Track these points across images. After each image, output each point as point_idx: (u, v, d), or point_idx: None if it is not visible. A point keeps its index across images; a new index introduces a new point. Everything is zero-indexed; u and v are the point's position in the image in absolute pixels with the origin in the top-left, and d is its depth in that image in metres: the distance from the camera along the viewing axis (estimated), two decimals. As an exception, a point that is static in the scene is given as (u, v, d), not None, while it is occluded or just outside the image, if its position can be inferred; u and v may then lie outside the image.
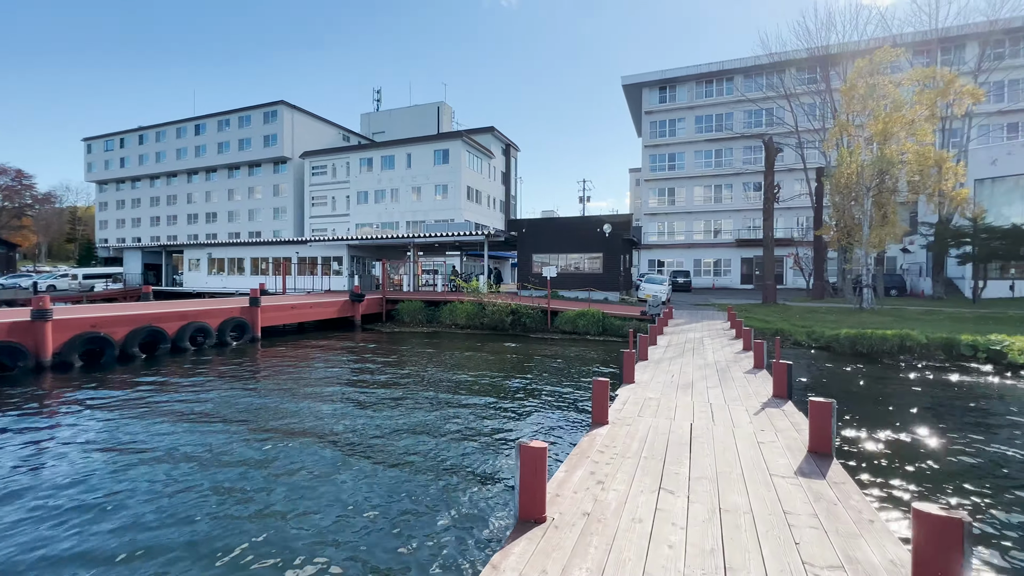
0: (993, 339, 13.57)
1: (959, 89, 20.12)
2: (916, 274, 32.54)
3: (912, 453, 6.95)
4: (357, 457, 6.93)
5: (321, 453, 7.07)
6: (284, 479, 6.18)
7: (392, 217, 48.21)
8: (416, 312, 22.94)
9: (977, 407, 9.60)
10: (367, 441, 7.60)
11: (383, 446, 7.38)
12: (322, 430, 8.13)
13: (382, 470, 6.46)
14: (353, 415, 9.04)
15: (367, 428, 8.24)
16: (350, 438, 7.73)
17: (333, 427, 8.30)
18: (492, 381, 11.82)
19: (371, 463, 6.70)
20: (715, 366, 9.92)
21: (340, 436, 7.82)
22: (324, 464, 6.68)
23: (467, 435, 7.78)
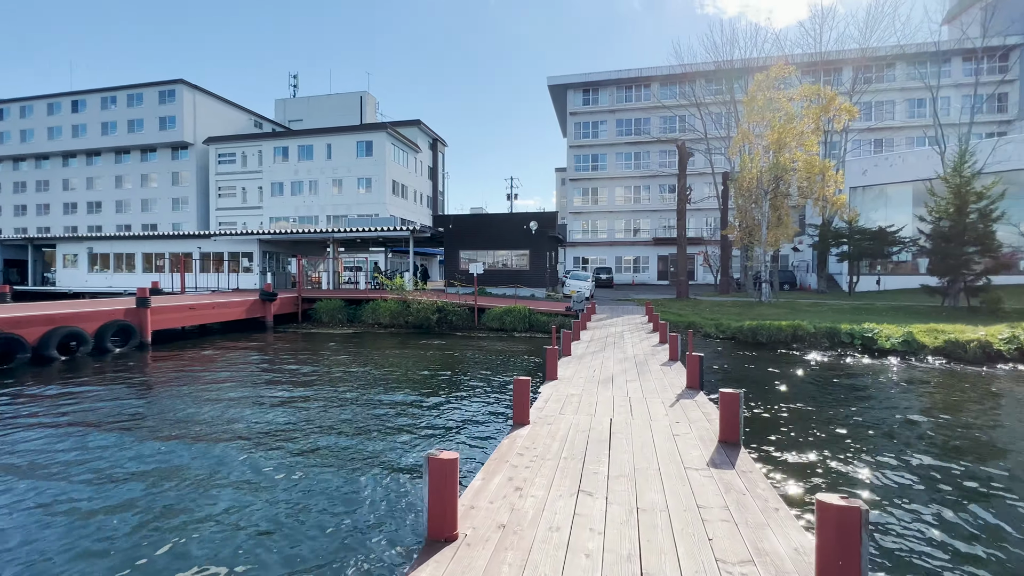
0: (866, 327, 15.32)
1: (838, 106, 22.55)
2: (804, 270, 36.29)
3: (804, 426, 7.51)
4: (249, 471, 6.16)
5: (210, 469, 6.20)
6: (153, 501, 5.31)
7: (311, 211, 45.32)
8: (335, 311, 21.59)
9: (853, 385, 10.71)
10: (264, 453, 6.81)
11: (282, 459, 6.65)
12: (209, 443, 7.18)
13: (278, 487, 5.78)
14: (250, 425, 8.12)
15: (265, 438, 7.41)
16: (244, 450, 6.88)
17: (223, 439, 7.37)
18: (414, 383, 11.28)
19: (265, 478, 5.98)
20: (634, 360, 10.16)
21: (231, 449, 6.95)
22: (211, 482, 5.85)
23: (379, 444, 7.25)
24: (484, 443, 7.19)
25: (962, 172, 19.52)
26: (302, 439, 7.46)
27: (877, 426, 7.99)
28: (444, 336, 18.86)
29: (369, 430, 7.83)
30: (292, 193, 45.87)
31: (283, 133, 47.51)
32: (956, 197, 19.48)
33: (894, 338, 14.43)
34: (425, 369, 12.83)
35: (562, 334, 10.70)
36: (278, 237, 27.69)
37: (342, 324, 21.50)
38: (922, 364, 13.29)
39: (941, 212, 19.96)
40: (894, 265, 30.10)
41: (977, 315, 18.46)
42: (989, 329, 14.14)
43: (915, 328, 15.03)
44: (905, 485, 5.80)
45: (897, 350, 14.22)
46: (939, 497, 5.50)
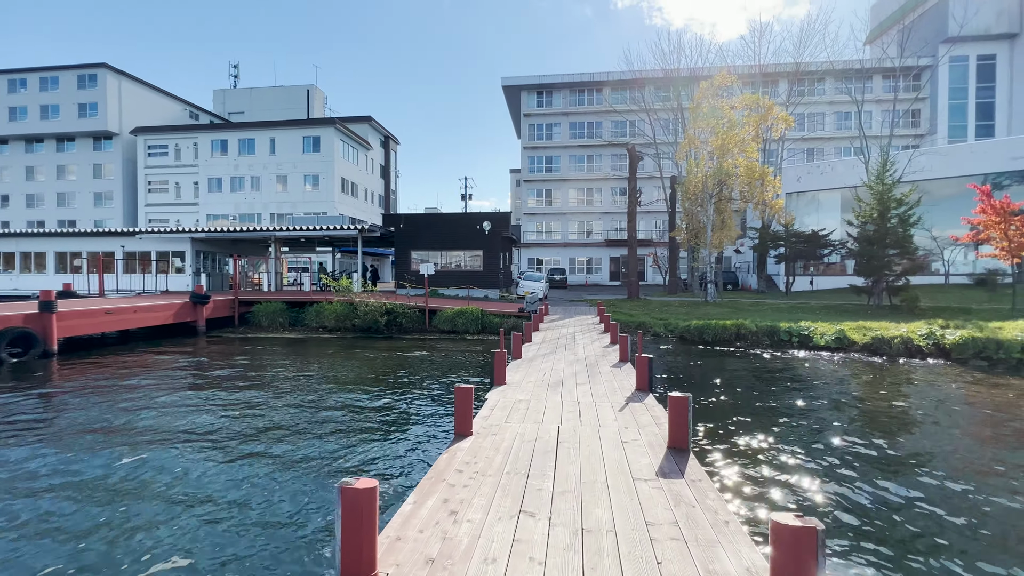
0: (803, 326, 16.01)
1: (776, 115, 23.64)
2: (745, 271, 37.98)
3: (749, 425, 7.53)
4: (156, 499, 5.37)
5: (112, 493, 5.35)
6: (43, 530, 4.46)
7: (253, 208, 42.77)
8: (276, 314, 20.25)
9: (792, 380, 11.02)
10: (176, 475, 6.00)
11: (197, 481, 5.87)
12: (114, 463, 6.26)
13: (184, 515, 5.04)
14: (164, 442, 7.21)
15: (180, 457, 6.56)
16: (154, 470, 6.04)
17: (131, 459, 6.46)
18: (354, 391, 10.56)
19: (172, 504, 5.21)
20: (585, 361, 9.96)
21: (140, 469, 6.08)
22: (110, 508, 5.02)
23: (304, 464, 6.58)
24: (425, 456, 6.69)
25: (884, 180, 20.89)
26: (216, 455, 6.66)
27: (815, 420, 8.16)
28: (393, 339, 18.08)
29: (295, 445, 7.13)
30: (232, 189, 43.12)
31: (222, 125, 44.60)
32: (879, 203, 20.83)
33: (827, 335, 15.13)
34: (369, 375, 12.10)
35: (512, 337, 10.35)
36: (213, 236, 25.76)
37: (283, 328, 20.19)
38: (853, 359, 13.98)
39: (866, 217, 21.29)
40: (825, 266, 32.01)
41: (898, 313, 19.79)
42: (910, 326, 15.11)
43: (845, 326, 15.84)
44: (841, 471, 5.85)
45: (831, 346, 14.91)
46: (868, 472, 5.60)
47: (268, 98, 53.26)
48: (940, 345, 13.62)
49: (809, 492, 5.58)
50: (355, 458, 6.64)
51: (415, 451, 6.89)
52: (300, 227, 24.61)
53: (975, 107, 37.16)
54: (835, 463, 6.36)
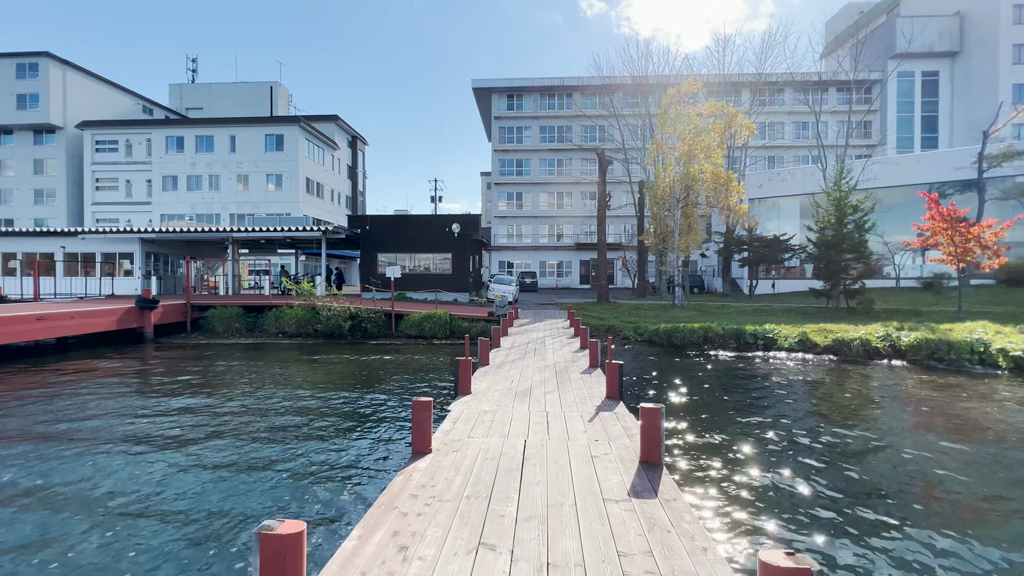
0: (767, 329, 16.22)
1: (739, 123, 24.15)
2: (711, 275, 38.79)
3: (719, 430, 7.36)
4: (75, 536, 4.68)
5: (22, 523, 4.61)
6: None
7: (212, 208, 40.81)
8: (232, 320, 19.14)
9: (759, 383, 11.04)
10: (83, 504, 5.29)
11: (105, 511, 5.18)
12: (25, 489, 5.48)
13: (89, 557, 4.39)
14: (88, 466, 6.42)
15: (106, 483, 5.83)
16: (70, 499, 5.30)
17: (46, 484, 5.69)
18: (310, 400, 9.89)
19: (74, 541, 4.54)
20: (554, 368, 9.64)
21: (56, 498, 5.33)
22: (28, 545, 4.31)
23: (243, 494, 5.97)
24: (378, 477, 6.16)
25: (841, 187, 21.58)
26: (142, 481, 5.96)
27: (784, 426, 8.09)
28: (357, 345, 17.33)
29: (236, 468, 6.48)
30: (189, 188, 41.04)
31: (178, 121, 42.48)
32: (836, 209, 21.49)
33: (791, 338, 15.37)
34: (327, 383, 11.42)
35: (479, 343, 9.92)
36: (165, 236, 24.27)
37: (240, 334, 19.10)
38: (816, 361, 14.21)
39: (824, 222, 21.93)
40: (786, 270, 32.97)
41: (855, 315, 20.41)
42: (867, 328, 15.52)
43: (807, 328, 16.15)
44: (808, 467, 5.70)
45: (794, 348, 15.15)
46: (831, 464, 5.46)
47: (229, 94, 51.07)
48: (896, 347, 14.00)
49: (786, 508, 5.39)
50: (299, 481, 6.07)
51: (368, 472, 6.35)
52: (260, 228, 23.46)
53: (921, 120, 39.23)
54: (807, 471, 6.22)
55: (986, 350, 12.81)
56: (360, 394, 10.37)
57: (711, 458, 6.58)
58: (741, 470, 6.21)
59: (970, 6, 37.62)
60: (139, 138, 41.39)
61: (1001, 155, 25.65)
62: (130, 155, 41.59)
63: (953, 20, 38.20)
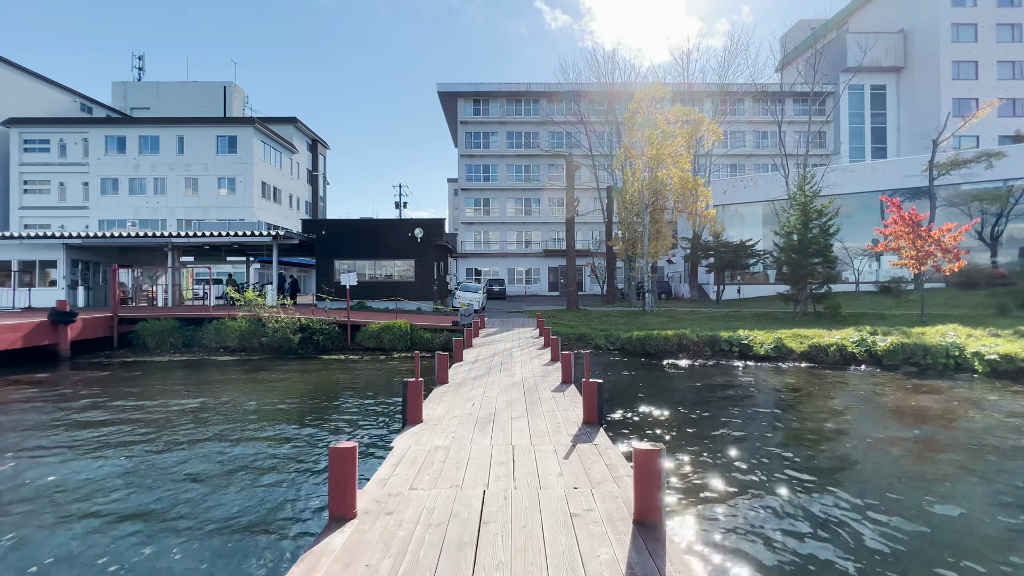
0: (742, 335, 15.56)
1: (706, 127, 23.85)
2: (678, 281, 38.64)
3: (711, 454, 6.31)
4: None
5: None
6: None
7: (157, 214, 37.75)
8: (166, 334, 17.02)
9: (741, 394, 10.14)
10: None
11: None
12: None
13: None
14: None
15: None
16: None
17: None
18: (227, 432, 8.29)
19: None
20: (522, 385, 8.42)
21: None
22: None
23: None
24: (277, 559, 4.67)
25: (805, 192, 21.47)
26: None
27: (787, 453, 7.13)
28: (307, 361, 15.60)
29: (114, 536, 4.92)
30: (131, 192, 37.84)
31: (119, 120, 39.30)
32: (802, 214, 21.35)
33: (767, 345, 14.73)
34: (259, 412, 9.78)
35: (437, 358, 8.60)
36: (93, 242, 21.75)
37: (175, 350, 17.00)
38: (793, 368, 13.56)
39: (791, 227, 21.75)
40: (751, 276, 33.07)
41: (822, 319, 20.19)
42: (842, 333, 15.08)
43: (782, 334, 15.60)
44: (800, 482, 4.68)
45: (770, 355, 14.50)
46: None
47: (179, 94, 47.87)
48: (872, 352, 13.54)
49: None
50: (184, 561, 4.57)
51: (266, 551, 4.62)
52: (204, 233, 21.33)
53: (871, 131, 40.62)
54: (829, 522, 5.21)
55: (961, 354, 12.46)
56: (295, 424, 8.83)
57: (708, 504, 5.48)
58: (746, 526, 5.12)
59: (913, 24, 39.35)
60: (74, 137, 37.95)
61: (949, 163, 26.40)
62: (64, 155, 38.06)
63: (898, 37, 39.85)
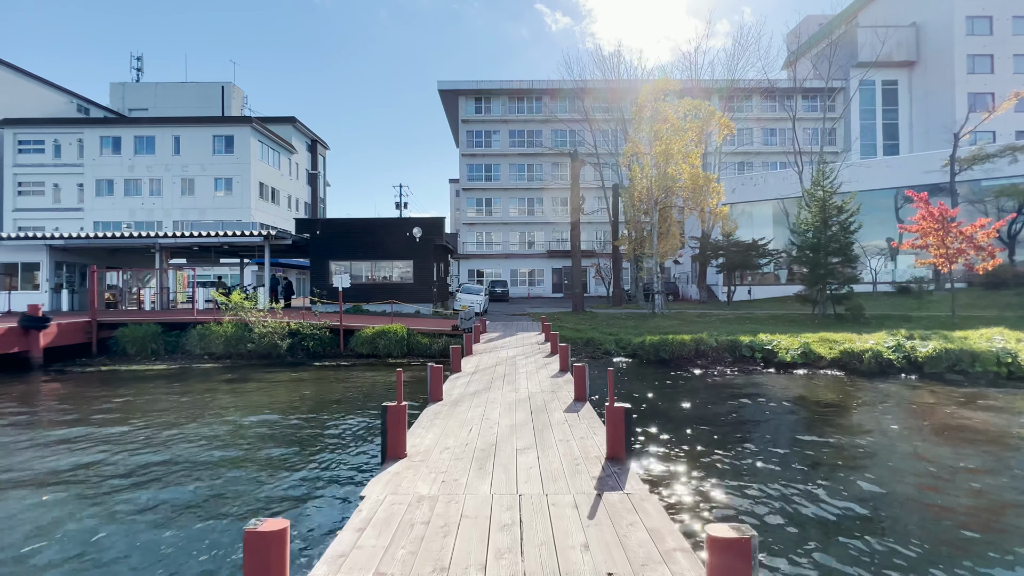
0: (764, 340, 14.23)
1: (717, 121, 22.59)
2: (684, 282, 37.30)
3: (762, 496, 5.03)
4: None
5: None
6: None
7: (153, 215, 36.71)
8: (148, 340, 15.83)
9: (775, 407, 8.85)
10: None
11: None
12: None
13: None
14: None
15: None
16: None
17: None
18: (210, 458, 7.05)
19: None
20: (529, 403, 7.15)
21: None
22: None
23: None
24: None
25: (824, 187, 20.15)
26: None
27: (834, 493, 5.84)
28: (296, 368, 14.38)
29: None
30: (126, 193, 36.82)
31: (114, 120, 38.34)
32: (820, 211, 20.02)
33: (792, 350, 13.42)
34: (222, 437, 8.54)
35: (429, 371, 7.34)
36: (78, 243, 20.62)
37: (157, 357, 15.82)
38: (824, 377, 12.25)
39: (808, 225, 20.43)
40: (760, 276, 31.70)
41: (844, 322, 18.85)
42: (874, 337, 13.75)
43: (807, 338, 14.28)
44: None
45: (797, 362, 13.19)
46: None
47: (177, 95, 46.83)
48: (911, 358, 12.21)
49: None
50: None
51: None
52: (192, 233, 20.19)
53: (882, 127, 39.22)
54: None
55: (1014, 360, 11.13)
56: (279, 443, 7.59)
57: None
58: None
59: (926, 17, 37.98)
60: (69, 138, 36.95)
61: (971, 158, 25.05)
62: (59, 156, 37.07)
63: (910, 31, 38.49)
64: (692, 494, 5.47)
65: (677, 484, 5.79)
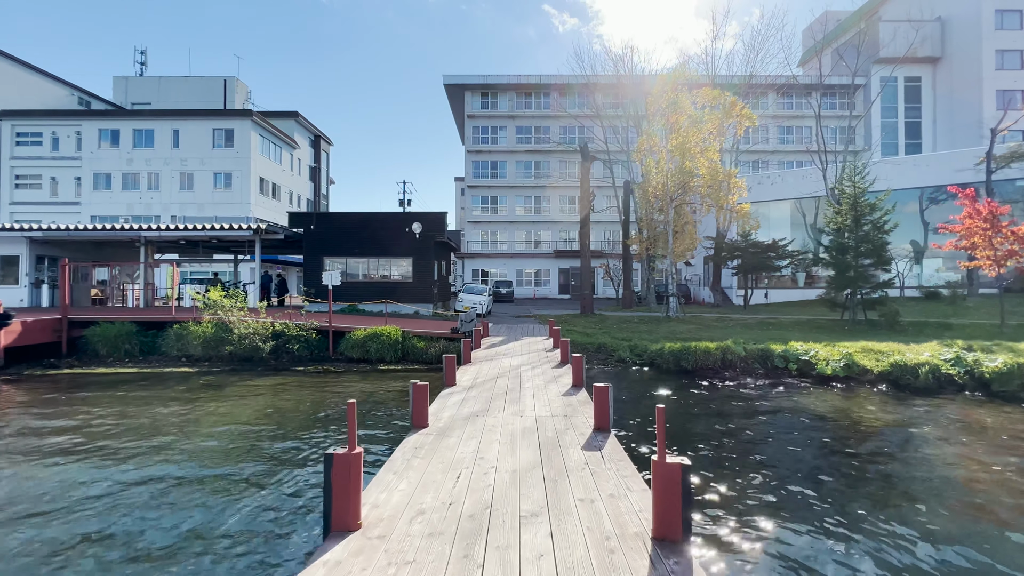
0: (798, 349, 12.55)
1: (739, 112, 20.90)
2: (696, 284, 35.53)
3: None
4: None
5: None
6: None
7: (151, 210, 35.50)
8: (121, 340, 14.41)
9: (826, 433, 7.17)
10: None
11: None
12: None
13: None
14: None
15: None
16: None
17: None
18: (165, 486, 5.53)
19: None
20: (538, 433, 5.56)
21: None
22: None
23: None
24: None
25: (857, 183, 18.40)
26: None
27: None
28: (280, 373, 12.89)
29: None
30: (124, 187, 35.65)
31: (113, 112, 37.18)
32: (852, 208, 18.28)
33: (834, 362, 11.74)
34: (204, 451, 7.03)
35: (412, 390, 5.76)
36: (59, 235, 19.32)
37: (131, 359, 14.40)
38: (874, 395, 10.56)
39: (838, 224, 18.68)
40: (776, 279, 29.93)
41: (878, 329, 17.12)
42: (926, 348, 12.05)
43: (849, 348, 12.59)
44: None
45: (839, 375, 11.51)
46: None
47: (180, 89, 45.68)
48: (976, 374, 10.50)
49: None
50: None
51: None
52: (179, 226, 18.80)
53: (904, 126, 37.25)
54: None
55: (1105, 380, 9.41)
56: (247, 466, 6.06)
57: None
58: None
59: (951, 12, 36.00)
60: (67, 131, 35.83)
61: (1009, 155, 23.16)
62: (57, 149, 35.98)
63: (935, 25, 36.52)
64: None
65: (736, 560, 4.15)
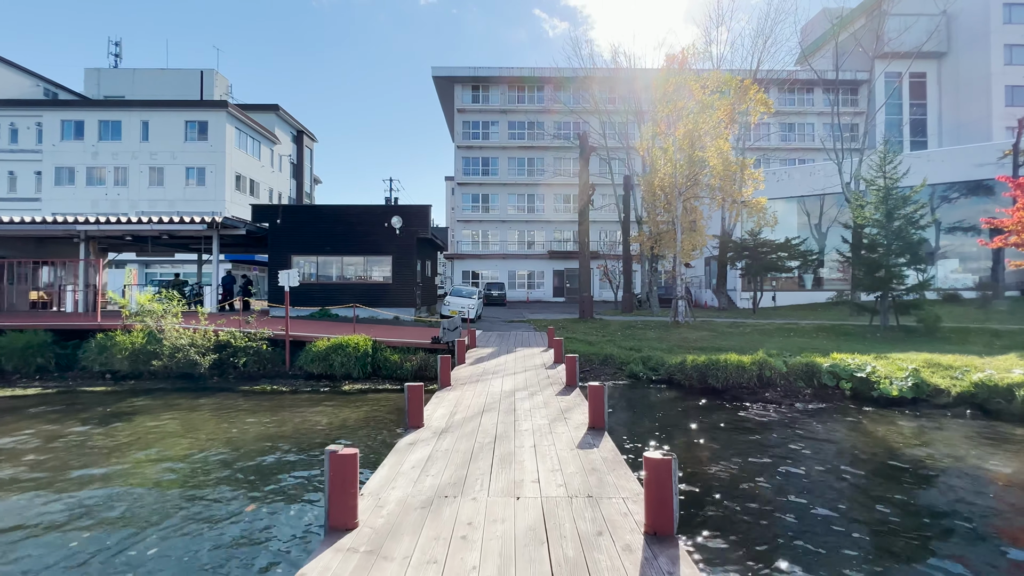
0: (851, 363, 10.24)
1: (754, 96, 18.76)
2: (697, 286, 33.36)
3: None
4: None
5: None
6: None
7: (117, 207, 32.53)
8: (32, 353, 11.73)
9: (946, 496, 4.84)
10: None
11: None
12: None
13: None
14: None
15: None
16: None
17: None
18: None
19: None
20: (547, 544, 3.10)
21: None
22: None
23: None
24: None
25: (888, 175, 16.28)
26: None
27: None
28: (220, 393, 10.30)
29: None
30: (89, 182, 32.71)
31: (76, 102, 34.24)
32: (883, 202, 16.15)
33: (898, 380, 9.44)
34: (106, 501, 4.48)
35: (328, 463, 3.27)
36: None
37: (44, 375, 11.74)
38: (960, 426, 8.26)
39: (867, 219, 16.55)
40: (782, 281, 27.88)
41: (916, 336, 14.97)
42: (1006, 362, 9.82)
43: (911, 361, 10.33)
44: None
45: (906, 397, 9.22)
46: None
47: (156, 81, 42.61)
48: (1085, 397, 8.27)
49: None
50: None
51: None
52: (116, 219, 16.14)
53: (909, 123, 35.54)
54: None
55: None
56: (163, 527, 3.53)
57: None
58: None
59: (957, 6, 34.38)
60: (27, 122, 32.83)
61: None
62: (15, 141, 32.94)
63: (940, 20, 34.88)
64: None
65: None
